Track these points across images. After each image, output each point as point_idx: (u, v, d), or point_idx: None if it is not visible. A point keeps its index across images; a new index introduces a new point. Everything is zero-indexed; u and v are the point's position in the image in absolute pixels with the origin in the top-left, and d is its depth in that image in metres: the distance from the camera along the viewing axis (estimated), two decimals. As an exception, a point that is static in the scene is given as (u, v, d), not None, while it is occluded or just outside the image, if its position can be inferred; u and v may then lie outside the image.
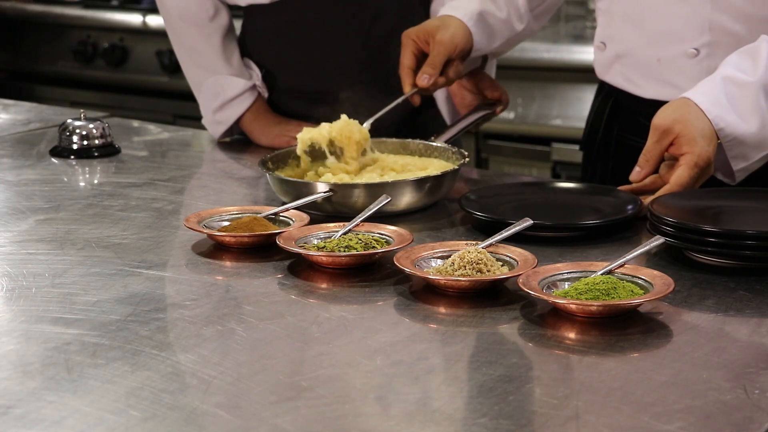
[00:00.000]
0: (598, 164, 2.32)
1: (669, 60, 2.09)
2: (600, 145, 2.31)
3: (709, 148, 1.85)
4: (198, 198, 2.20)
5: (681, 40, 2.06)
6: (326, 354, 1.42)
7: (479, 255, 1.62)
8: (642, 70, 2.14)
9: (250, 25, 2.56)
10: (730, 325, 1.51)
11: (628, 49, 2.15)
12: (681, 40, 2.06)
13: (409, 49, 2.23)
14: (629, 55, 2.16)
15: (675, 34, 2.07)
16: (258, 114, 2.53)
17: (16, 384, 1.34)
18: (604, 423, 1.23)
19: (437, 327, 1.52)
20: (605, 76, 2.25)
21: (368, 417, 1.27)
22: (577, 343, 1.44)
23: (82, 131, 2.47)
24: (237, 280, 1.70)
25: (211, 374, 1.35)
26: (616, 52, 2.18)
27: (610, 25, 2.19)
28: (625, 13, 2.14)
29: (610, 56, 2.20)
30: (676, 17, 2.06)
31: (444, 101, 2.49)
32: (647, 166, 1.91)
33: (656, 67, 2.11)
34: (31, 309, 1.57)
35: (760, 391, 1.29)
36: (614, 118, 2.28)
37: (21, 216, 2.03)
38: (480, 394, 1.30)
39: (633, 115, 2.21)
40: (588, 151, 2.36)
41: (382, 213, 1.88)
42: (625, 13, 2.14)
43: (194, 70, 2.56)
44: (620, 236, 1.84)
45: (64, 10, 4.77)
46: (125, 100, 4.58)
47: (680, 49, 2.07)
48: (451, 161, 2.14)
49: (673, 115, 1.87)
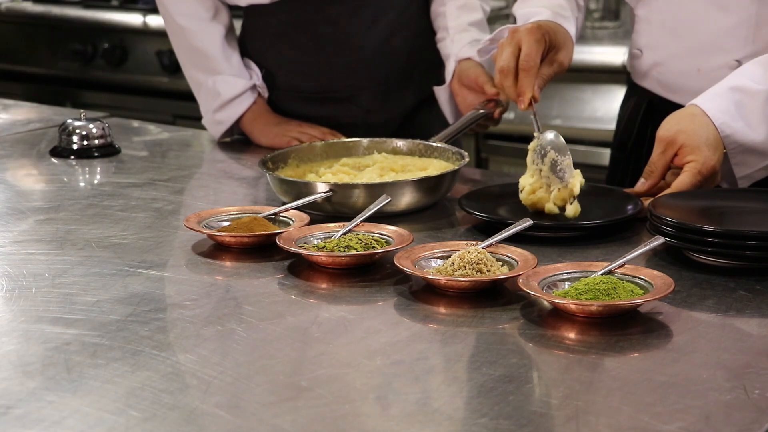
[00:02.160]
0: (629, 165, 2.30)
1: (710, 70, 2.06)
2: (633, 146, 2.29)
3: (713, 157, 1.84)
4: (198, 198, 2.20)
5: (724, 51, 2.04)
6: (326, 354, 1.42)
7: (479, 255, 1.62)
8: (680, 79, 2.11)
9: (250, 25, 2.56)
10: (730, 325, 1.51)
11: (667, 57, 2.13)
12: (724, 52, 2.04)
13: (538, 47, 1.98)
14: (667, 64, 2.14)
15: (718, 45, 2.05)
16: (258, 114, 2.53)
17: (16, 384, 1.34)
18: (604, 423, 1.23)
19: (437, 327, 1.52)
20: (642, 82, 2.22)
21: (368, 417, 1.27)
22: (577, 343, 1.44)
23: (82, 131, 2.47)
24: (237, 280, 1.70)
25: (211, 374, 1.35)
26: (654, 59, 2.16)
27: (648, 33, 2.16)
28: (666, 21, 2.11)
29: (648, 63, 2.18)
30: (719, 28, 2.04)
31: (446, 101, 2.49)
32: (652, 178, 1.90)
33: (696, 76, 2.08)
34: (31, 309, 1.57)
35: (760, 391, 1.29)
36: (648, 120, 2.25)
37: (21, 216, 2.03)
38: (480, 394, 1.30)
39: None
40: (620, 153, 2.34)
41: (382, 213, 1.88)
42: (666, 22, 2.11)
43: (194, 71, 2.56)
44: (620, 236, 1.84)
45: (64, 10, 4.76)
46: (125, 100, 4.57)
47: (722, 60, 2.05)
48: (450, 161, 2.14)
49: (677, 126, 1.86)
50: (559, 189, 1.88)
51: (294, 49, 2.49)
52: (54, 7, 4.81)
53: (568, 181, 1.88)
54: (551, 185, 1.89)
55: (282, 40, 2.50)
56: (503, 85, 1.97)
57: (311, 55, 2.48)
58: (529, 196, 1.90)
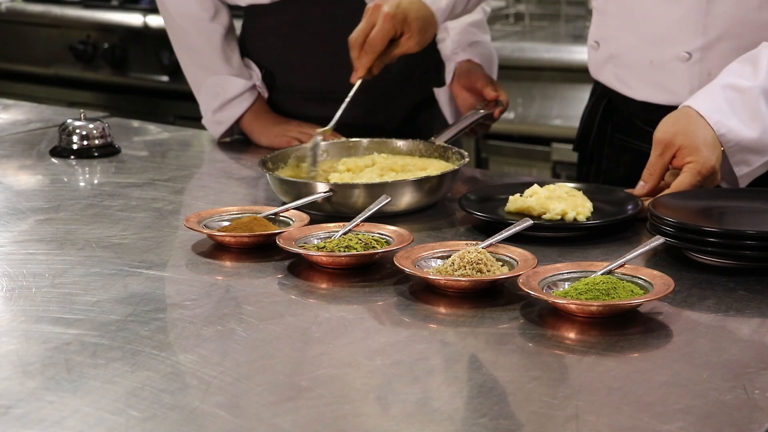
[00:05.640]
0: (591, 165, 2.32)
1: (661, 62, 2.07)
2: (593, 145, 2.31)
3: (712, 157, 1.84)
4: (198, 198, 2.20)
5: (674, 42, 2.05)
6: (326, 354, 1.42)
7: (479, 255, 1.62)
8: (635, 72, 2.13)
9: (250, 25, 2.56)
10: (730, 325, 1.51)
11: (621, 49, 2.15)
12: (674, 43, 2.05)
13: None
14: (622, 56, 2.15)
15: (668, 36, 2.06)
16: (258, 114, 2.53)
17: (16, 384, 1.34)
18: (604, 423, 1.23)
19: (437, 327, 1.52)
20: (598, 75, 2.24)
21: (368, 417, 1.27)
22: (577, 343, 1.44)
23: (82, 131, 2.47)
24: (237, 280, 1.70)
25: (211, 374, 1.35)
26: (610, 52, 2.17)
27: (604, 25, 2.18)
28: (619, 13, 2.13)
29: (604, 56, 2.19)
30: (669, 20, 2.05)
31: (447, 101, 2.49)
32: (651, 181, 1.90)
33: (649, 69, 2.10)
34: (31, 309, 1.57)
35: (760, 391, 1.29)
36: (608, 118, 2.27)
37: (21, 216, 2.03)
38: (480, 394, 1.30)
39: (626, 116, 2.21)
40: (581, 152, 2.35)
41: (382, 213, 1.88)
42: (619, 13, 2.13)
43: (194, 70, 2.56)
44: (620, 236, 1.84)
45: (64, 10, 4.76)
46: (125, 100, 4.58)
47: (673, 52, 2.06)
48: (451, 161, 2.14)
49: (674, 128, 1.86)
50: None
51: (294, 49, 2.49)
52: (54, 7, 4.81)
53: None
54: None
55: (282, 40, 2.50)
56: (351, 54, 2.21)
57: (311, 55, 2.48)
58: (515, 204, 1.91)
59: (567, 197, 1.90)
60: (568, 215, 1.84)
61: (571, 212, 1.84)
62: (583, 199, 1.90)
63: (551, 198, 1.89)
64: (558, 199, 1.89)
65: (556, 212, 1.84)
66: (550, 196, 1.90)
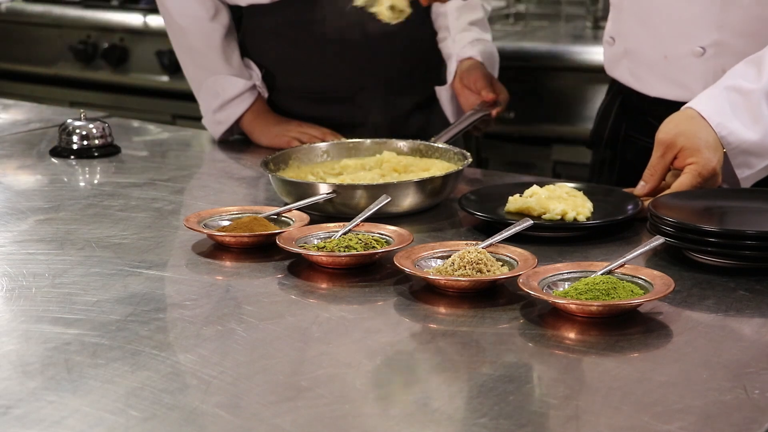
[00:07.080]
0: (605, 162, 2.31)
1: (676, 58, 2.07)
2: (607, 143, 2.30)
3: (714, 158, 1.84)
4: (198, 198, 2.20)
5: (688, 38, 2.05)
6: (326, 354, 1.42)
7: (479, 255, 1.61)
8: (649, 67, 2.13)
9: (250, 25, 2.56)
10: (730, 325, 1.51)
11: (636, 44, 2.14)
12: (688, 39, 2.05)
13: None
14: (637, 51, 2.15)
15: (683, 32, 2.05)
16: (258, 114, 2.53)
17: (16, 384, 1.34)
18: (604, 423, 1.23)
19: (437, 327, 1.52)
20: (613, 71, 2.24)
21: (368, 417, 1.27)
22: (577, 343, 1.44)
23: (82, 131, 2.47)
24: (237, 280, 1.70)
25: (211, 374, 1.35)
26: (625, 47, 2.17)
27: (619, 20, 2.18)
28: (635, 7, 2.13)
29: (619, 51, 2.19)
30: (684, 15, 2.04)
31: (448, 101, 2.49)
32: (652, 181, 1.90)
33: (663, 64, 2.09)
34: (31, 309, 1.57)
35: (760, 391, 1.29)
36: (622, 116, 2.27)
37: (21, 216, 2.03)
38: (480, 394, 1.30)
39: (640, 113, 2.20)
40: (595, 149, 2.35)
41: (384, 214, 1.87)
42: (635, 8, 2.13)
43: (194, 70, 2.56)
44: (620, 236, 1.84)
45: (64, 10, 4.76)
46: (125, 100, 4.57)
47: (687, 47, 2.05)
48: (453, 162, 2.14)
49: (676, 129, 1.86)
50: None
51: (294, 49, 2.49)
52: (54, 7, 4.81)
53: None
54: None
55: (282, 40, 2.50)
56: None
57: (311, 55, 2.48)
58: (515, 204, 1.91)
59: (567, 197, 1.90)
60: (568, 215, 1.84)
61: (571, 212, 1.84)
62: (583, 199, 1.90)
63: (551, 198, 1.89)
64: (558, 199, 1.89)
65: (556, 212, 1.84)
66: (550, 196, 1.90)
